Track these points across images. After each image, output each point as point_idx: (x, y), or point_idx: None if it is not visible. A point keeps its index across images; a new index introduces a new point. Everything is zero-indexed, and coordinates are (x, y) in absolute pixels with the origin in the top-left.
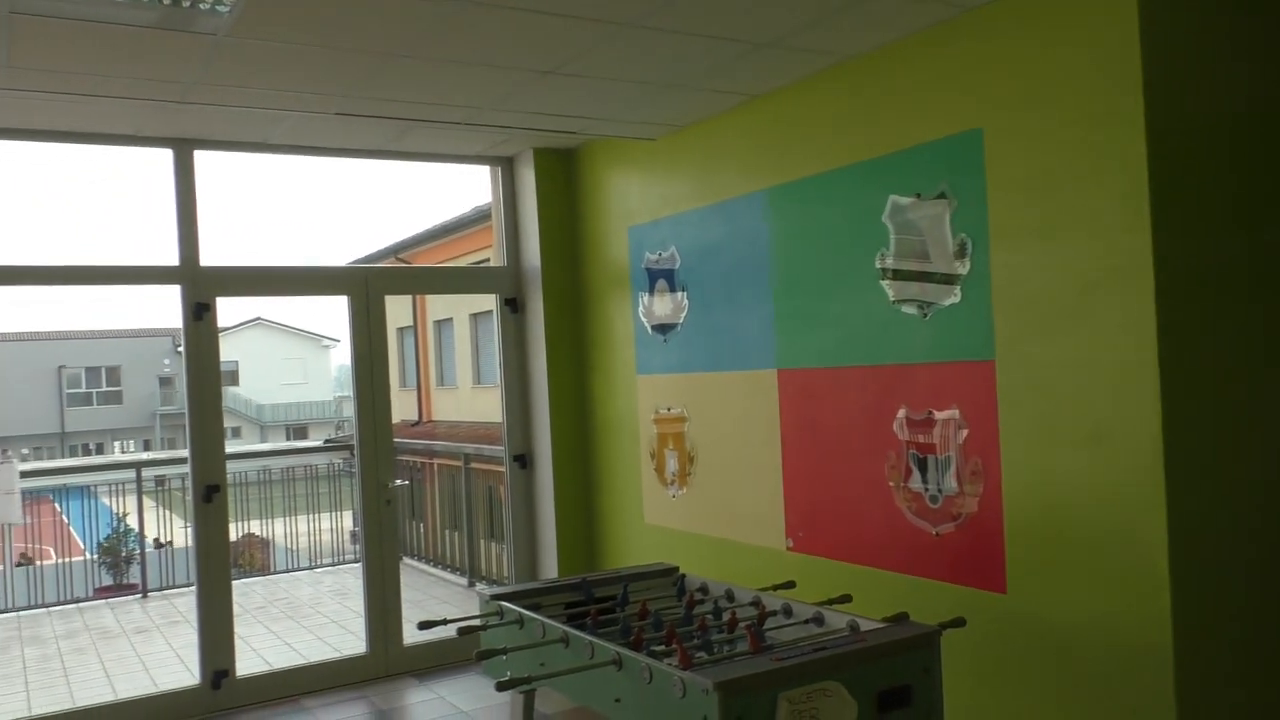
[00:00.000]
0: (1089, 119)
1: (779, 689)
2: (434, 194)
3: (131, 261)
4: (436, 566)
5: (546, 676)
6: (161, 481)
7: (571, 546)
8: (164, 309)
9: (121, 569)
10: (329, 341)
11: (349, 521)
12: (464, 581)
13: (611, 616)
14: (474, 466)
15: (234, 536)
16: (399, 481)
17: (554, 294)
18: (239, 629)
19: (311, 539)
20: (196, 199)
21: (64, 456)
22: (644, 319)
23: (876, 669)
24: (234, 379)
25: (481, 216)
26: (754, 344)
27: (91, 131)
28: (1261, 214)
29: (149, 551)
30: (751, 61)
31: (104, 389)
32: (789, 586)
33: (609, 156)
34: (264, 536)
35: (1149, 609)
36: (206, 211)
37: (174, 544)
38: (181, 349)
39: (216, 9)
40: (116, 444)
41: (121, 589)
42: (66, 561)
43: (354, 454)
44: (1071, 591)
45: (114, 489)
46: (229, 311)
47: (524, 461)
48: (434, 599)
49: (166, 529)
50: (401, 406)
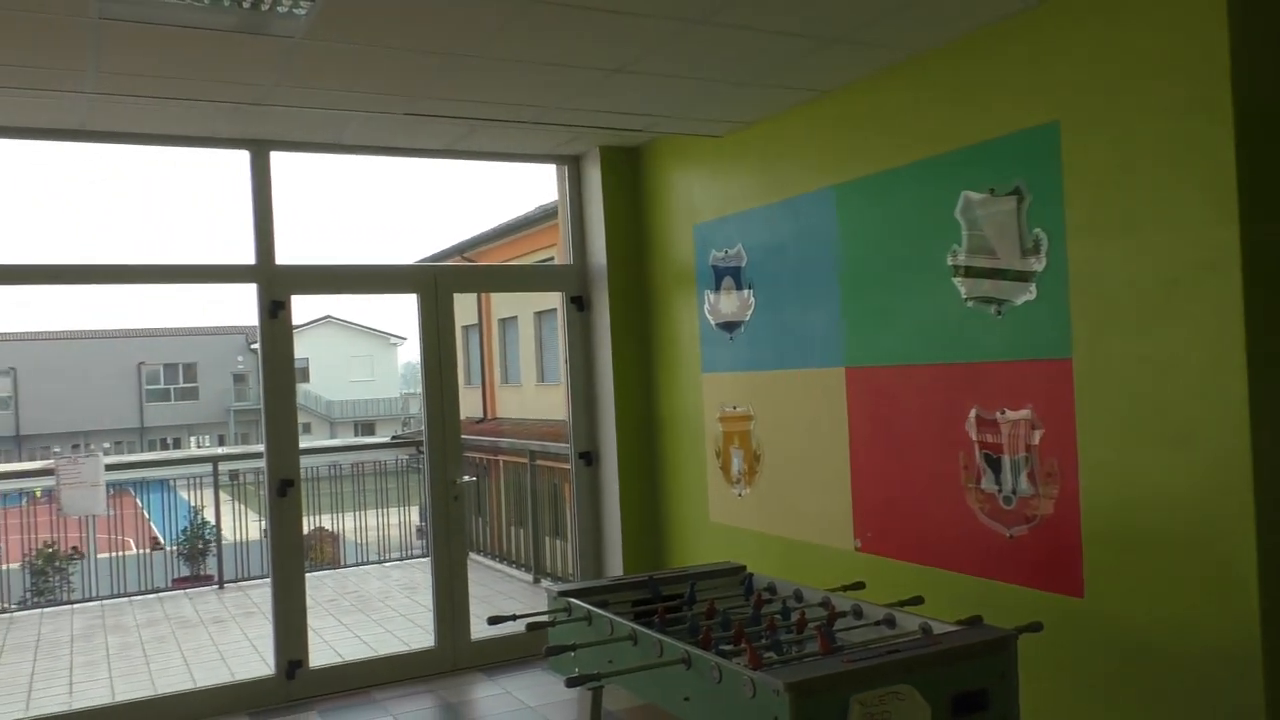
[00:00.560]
0: (1173, 108)
1: (851, 691)
2: (498, 193)
3: (209, 261)
4: (501, 562)
5: (615, 674)
6: (235, 476)
7: (636, 544)
8: (238, 307)
9: (198, 560)
10: (396, 339)
11: (416, 517)
12: (529, 578)
13: (679, 615)
14: (539, 463)
15: (305, 530)
16: (467, 478)
17: (619, 292)
18: (311, 621)
19: (380, 534)
20: (272, 199)
21: (143, 450)
22: (709, 316)
23: (951, 673)
24: (305, 375)
25: (545, 215)
26: (821, 342)
27: (173, 134)
28: None
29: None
30: (820, 57)
31: (181, 385)
32: (858, 587)
33: (674, 154)
34: (333, 531)
35: (1236, 613)
36: (280, 211)
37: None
38: (255, 346)
39: (294, 12)
40: (193, 439)
41: (198, 580)
42: (146, 552)
43: (419, 450)
44: (1153, 595)
45: (192, 482)
46: (300, 310)
47: (589, 459)
48: (499, 594)
49: (241, 522)
50: (467, 403)
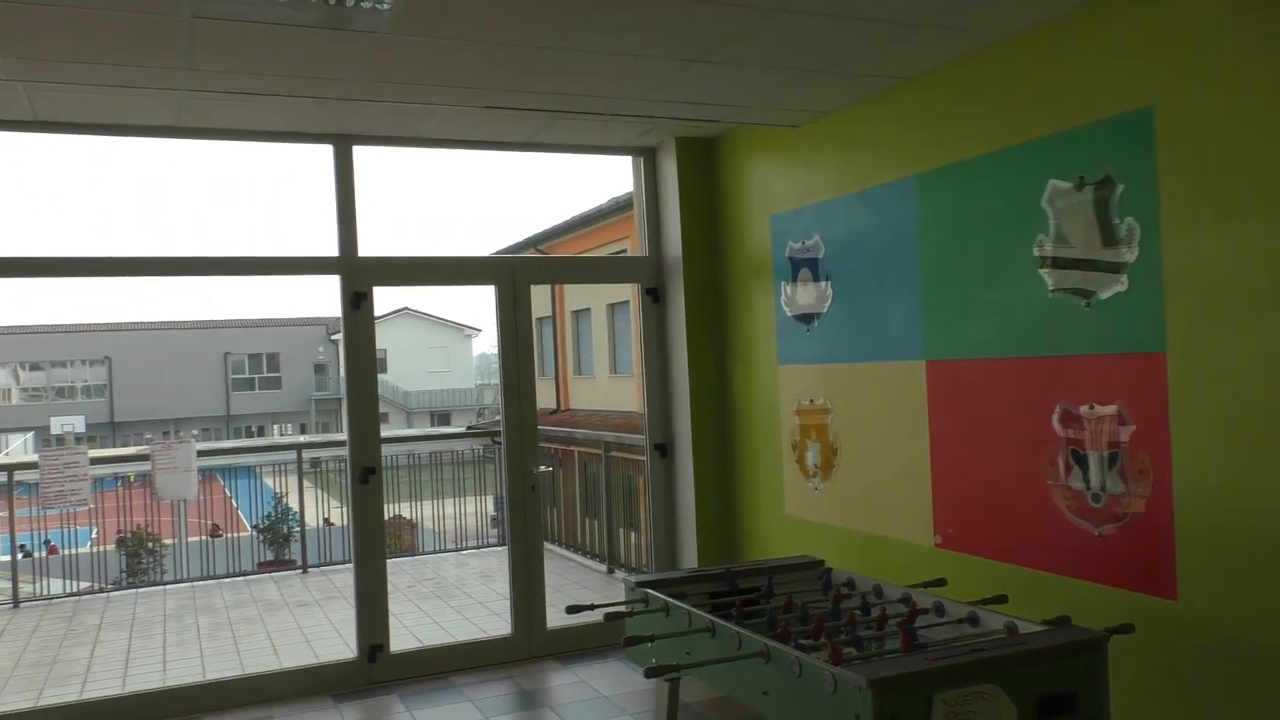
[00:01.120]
0: (1277, 90)
1: (935, 690)
2: (571, 186)
3: (294, 253)
4: (575, 552)
5: (694, 665)
6: (317, 463)
7: (711, 536)
8: (319, 298)
9: (281, 545)
10: (471, 331)
11: (490, 506)
12: (602, 568)
13: (756, 608)
14: (613, 455)
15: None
16: (543, 468)
17: (695, 283)
18: (391, 606)
19: (457, 522)
20: (355, 192)
21: (229, 438)
22: (786, 308)
23: (1038, 673)
24: (383, 366)
25: (619, 208)
26: (901, 334)
27: (260, 129)
28: None
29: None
30: (903, 43)
31: (265, 375)
32: (940, 584)
33: (751, 144)
34: (411, 519)
35: None
36: (360, 203)
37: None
38: (335, 337)
39: (377, 7)
40: (275, 427)
41: (281, 564)
42: (234, 536)
43: (494, 440)
44: (1252, 600)
45: (276, 469)
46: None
47: (664, 450)
48: (574, 584)
49: (323, 509)
50: (540, 395)
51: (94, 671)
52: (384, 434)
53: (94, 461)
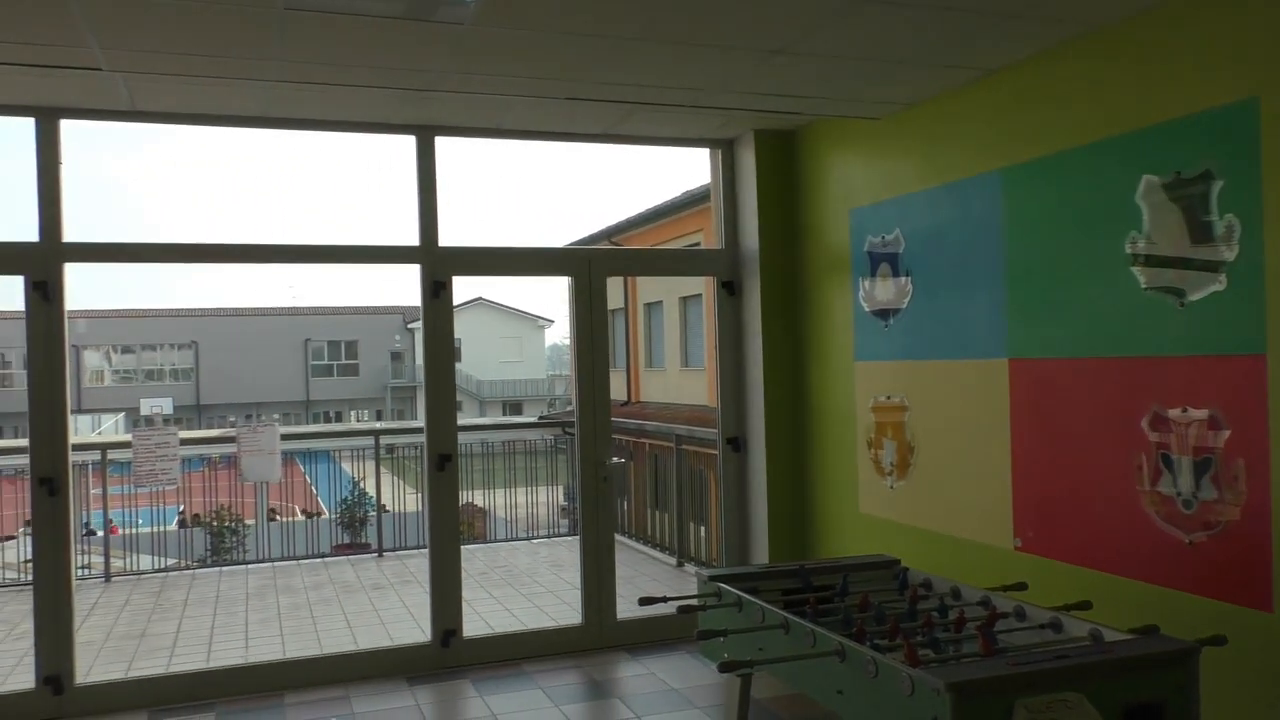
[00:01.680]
0: None
1: (1016, 696)
2: (645, 179)
3: (375, 242)
4: (644, 544)
5: (768, 661)
6: (392, 449)
7: (782, 532)
8: (396, 288)
9: (357, 529)
10: (544, 321)
11: (560, 496)
12: (672, 561)
13: (830, 606)
14: (684, 448)
15: None
16: (616, 459)
17: (771, 277)
18: (464, 592)
19: (529, 511)
20: (436, 182)
21: (308, 422)
22: (864, 303)
23: (1124, 683)
24: (457, 355)
25: (692, 200)
26: (983, 332)
27: (345, 120)
28: None
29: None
30: (991, 33)
31: (343, 361)
32: (1020, 588)
33: (831, 137)
34: (483, 506)
35: None
36: (440, 193)
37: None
38: (411, 326)
39: (462, 0)
40: (352, 413)
41: (356, 547)
42: (313, 519)
43: (566, 431)
44: None
45: (355, 454)
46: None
47: (737, 444)
48: (643, 576)
49: (397, 494)
50: (611, 386)
51: (180, 645)
52: (459, 422)
53: (183, 443)
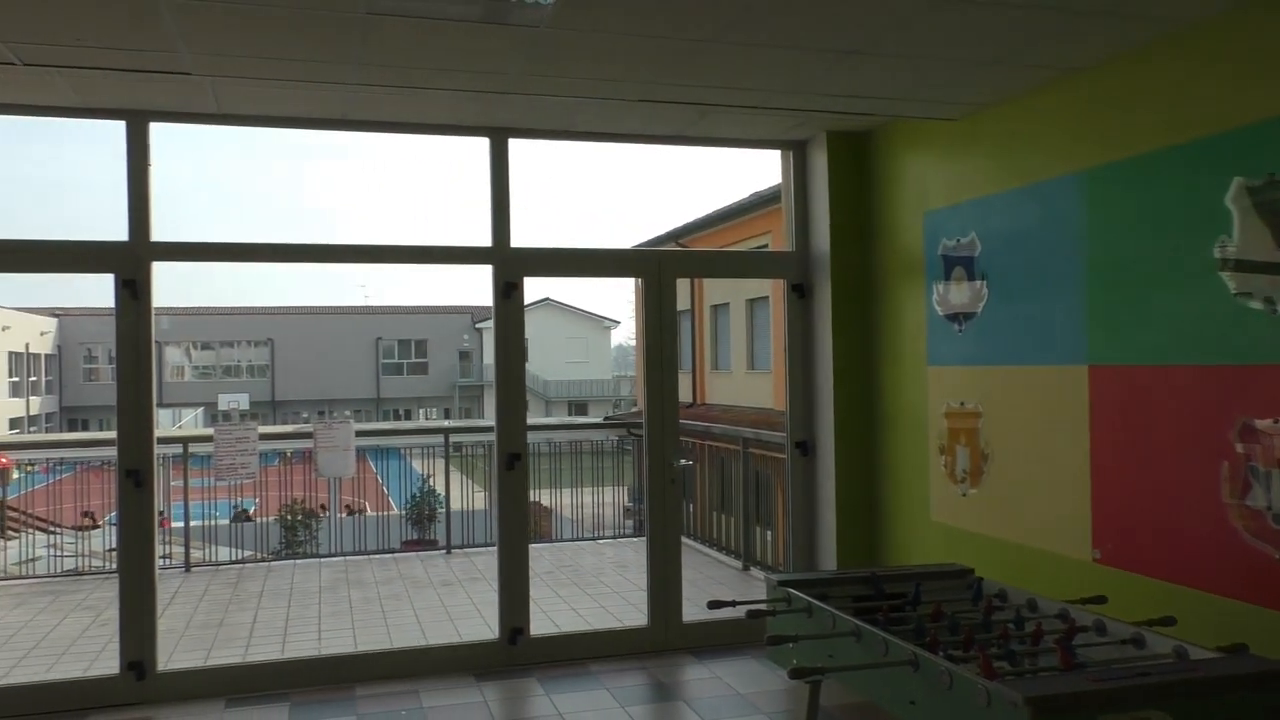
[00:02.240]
0: None
1: (1097, 712)
2: (712, 180)
3: (447, 242)
4: (709, 547)
5: (840, 669)
6: (459, 448)
7: (850, 537)
8: (465, 288)
9: (425, 525)
10: (610, 322)
11: (625, 497)
12: (737, 564)
13: (902, 614)
14: (750, 451)
15: None
16: (684, 461)
17: (842, 280)
18: (530, 590)
19: (595, 511)
20: (509, 184)
21: (378, 420)
22: (937, 307)
23: (1212, 705)
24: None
25: (761, 202)
26: (1061, 337)
27: (421, 122)
28: None
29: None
30: (1075, 32)
31: (413, 360)
32: (1099, 601)
33: (905, 139)
34: (548, 506)
35: None
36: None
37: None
38: (479, 325)
39: (539, 2)
40: (421, 411)
41: (424, 544)
42: (384, 515)
43: (631, 432)
44: None
45: (424, 452)
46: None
47: (805, 448)
48: (709, 579)
49: (465, 492)
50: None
51: (256, 636)
52: (530, 421)
53: (262, 438)
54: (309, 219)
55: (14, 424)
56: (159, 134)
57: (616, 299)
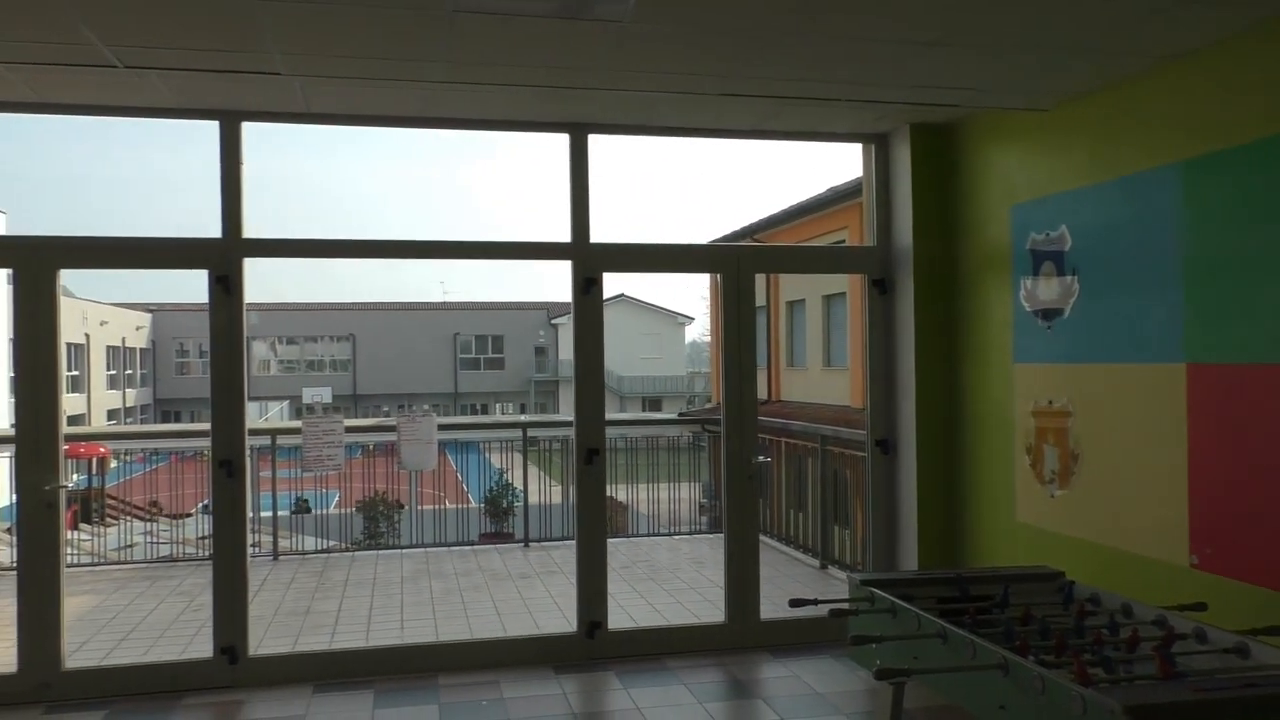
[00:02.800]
0: None
1: None
2: (789, 175)
3: (526, 238)
4: (785, 544)
5: (928, 671)
6: (534, 442)
7: (933, 537)
8: (541, 284)
9: (502, 519)
10: (684, 319)
11: (699, 493)
12: (814, 562)
13: (990, 617)
14: (828, 448)
15: None
16: (762, 458)
17: (924, 275)
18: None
19: (670, 507)
20: (589, 180)
21: (456, 414)
22: (1024, 303)
23: None
24: None
25: (838, 197)
26: (1157, 334)
27: (501, 118)
28: None
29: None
30: (1173, 18)
31: (489, 355)
32: (1199, 608)
33: (992, 130)
34: (623, 501)
35: None
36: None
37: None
38: (555, 321)
39: None
40: (498, 405)
41: (501, 537)
42: (463, 508)
43: (705, 428)
44: None
45: (502, 446)
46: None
47: (886, 447)
48: (785, 576)
49: (541, 486)
50: None
51: (341, 624)
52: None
53: (346, 430)
54: (390, 216)
55: (111, 415)
56: (249, 133)
57: (689, 295)
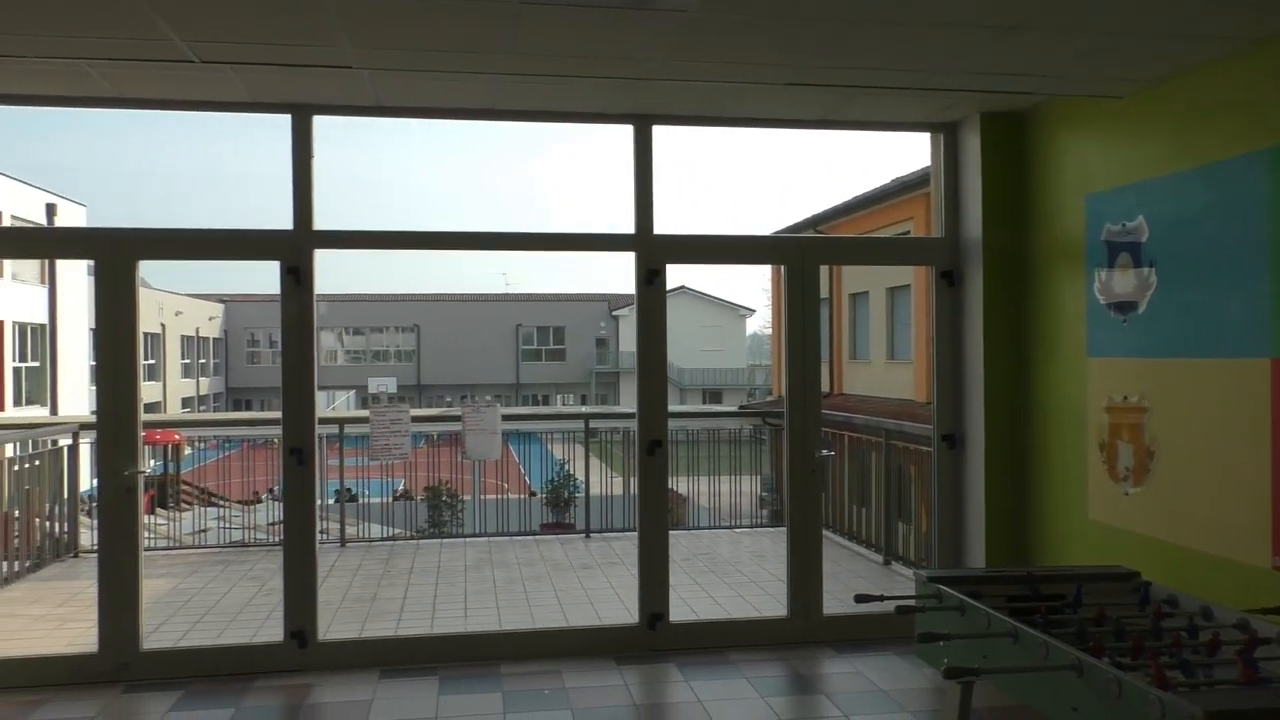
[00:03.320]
0: None
1: None
2: (853, 166)
3: (590, 229)
4: (847, 539)
5: (998, 670)
6: (595, 434)
7: (1001, 534)
8: (604, 275)
9: (563, 510)
10: (745, 311)
11: (759, 486)
12: (877, 558)
13: (1062, 617)
14: (892, 443)
15: None
16: (825, 452)
17: (994, 267)
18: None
19: (732, 500)
20: (653, 171)
21: (518, 405)
22: (1099, 296)
23: None
24: None
25: (903, 188)
26: (1240, 329)
27: (566, 110)
28: None
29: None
30: None
31: (551, 346)
32: None
33: (1065, 118)
34: (683, 493)
35: None
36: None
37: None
38: (616, 313)
39: None
40: (559, 396)
41: (562, 527)
42: (525, 499)
43: (766, 421)
44: None
45: (563, 437)
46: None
47: (953, 441)
48: (847, 571)
49: (602, 477)
50: None
51: (406, 611)
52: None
53: (414, 420)
54: (453, 208)
55: (185, 403)
56: (320, 126)
57: (750, 287)
